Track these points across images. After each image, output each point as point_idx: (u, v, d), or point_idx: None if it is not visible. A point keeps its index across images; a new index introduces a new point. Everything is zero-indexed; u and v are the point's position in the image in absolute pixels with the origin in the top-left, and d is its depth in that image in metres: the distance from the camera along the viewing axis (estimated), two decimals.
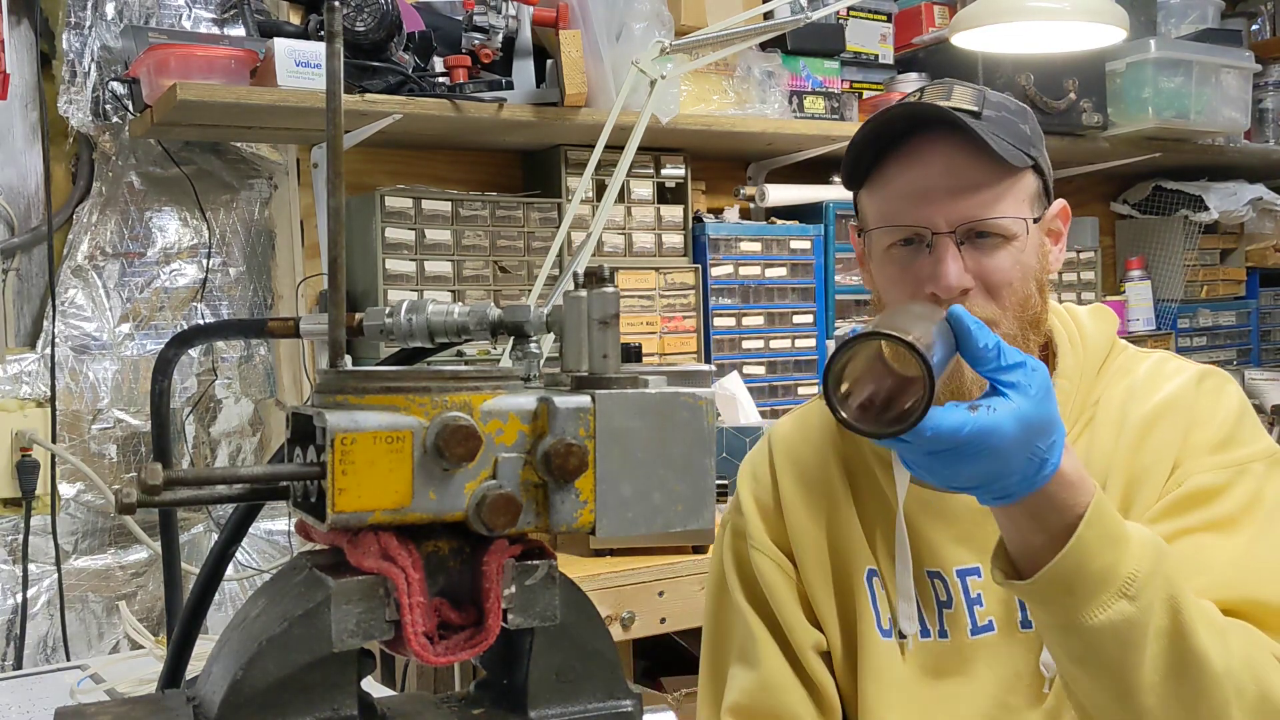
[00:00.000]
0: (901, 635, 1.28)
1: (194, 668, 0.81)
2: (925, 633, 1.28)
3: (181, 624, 0.86)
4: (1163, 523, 1.17)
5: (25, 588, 2.29)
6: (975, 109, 1.21)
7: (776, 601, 1.34)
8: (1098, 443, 1.25)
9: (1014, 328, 1.21)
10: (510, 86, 2.43)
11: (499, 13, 2.38)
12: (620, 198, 2.72)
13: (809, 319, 3.02)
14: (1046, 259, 1.26)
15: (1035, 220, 1.23)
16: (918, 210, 1.20)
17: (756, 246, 2.94)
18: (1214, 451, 1.21)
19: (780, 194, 3.02)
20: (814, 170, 3.13)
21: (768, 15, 2.57)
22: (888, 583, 1.29)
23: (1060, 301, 1.38)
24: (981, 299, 1.20)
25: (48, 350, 2.32)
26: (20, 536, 2.29)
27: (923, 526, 1.28)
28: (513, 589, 0.68)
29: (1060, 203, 1.29)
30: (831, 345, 3.02)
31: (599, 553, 2.16)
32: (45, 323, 2.33)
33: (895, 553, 1.28)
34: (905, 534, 1.28)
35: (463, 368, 0.69)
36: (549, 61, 2.52)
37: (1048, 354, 1.30)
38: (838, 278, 3.06)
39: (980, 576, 1.26)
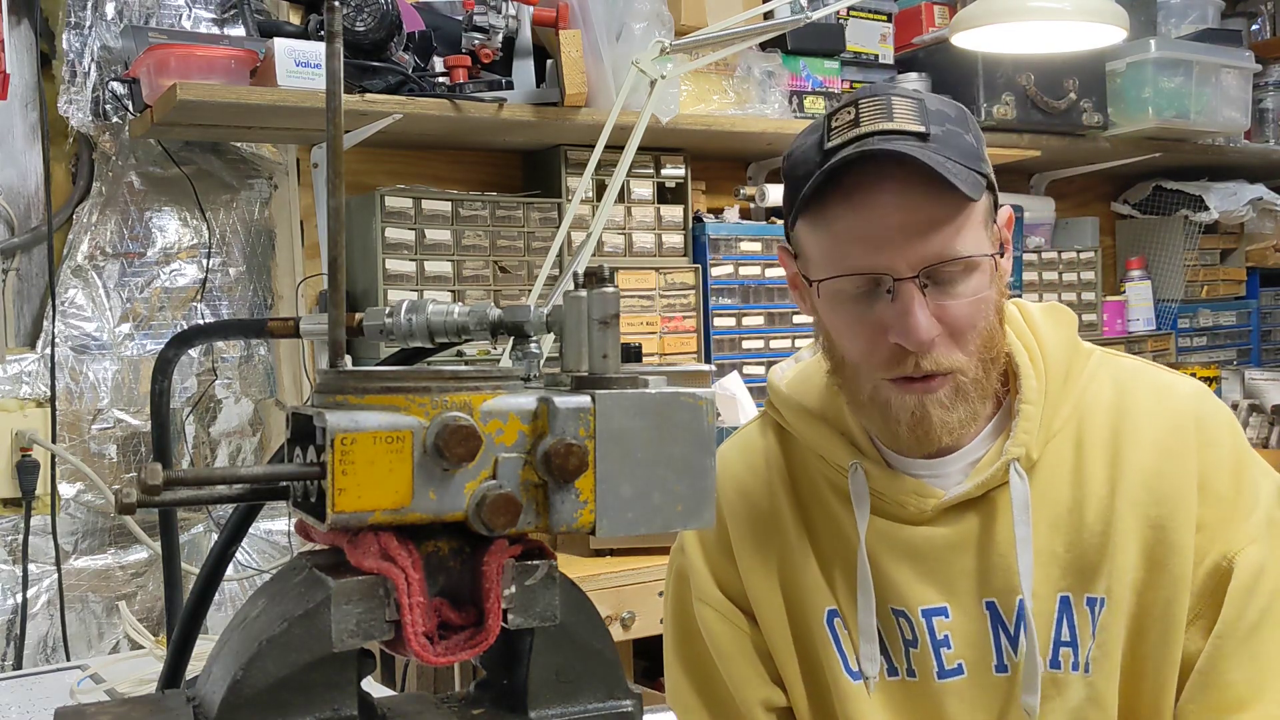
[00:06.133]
0: (866, 676, 1.20)
1: (194, 668, 0.81)
2: (894, 671, 1.21)
3: (181, 624, 0.86)
4: (1246, 614, 1.12)
5: (25, 588, 2.29)
6: (922, 129, 1.09)
7: (723, 658, 1.26)
8: (1090, 478, 1.17)
9: (978, 370, 1.14)
10: (510, 86, 2.43)
11: (499, 13, 2.38)
12: (620, 198, 2.72)
13: (809, 319, 3.02)
14: (1002, 280, 1.17)
15: (999, 254, 1.15)
16: (874, 255, 1.10)
17: (756, 246, 2.93)
18: (1234, 499, 1.15)
19: (780, 194, 3.01)
20: None
21: (768, 15, 2.56)
22: (849, 622, 1.21)
23: (1031, 300, 1.29)
24: (946, 347, 1.11)
25: (48, 350, 2.32)
26: (20, 536, 2.29)
27: (885, 563, 1.20)
28: (513, 589, 0.68)
29: (1006, 211, 1.19)
30: None
31: (599, 553, 2.16)
32: (45, 323, 2.33)
33: (858, 590, 1.20)
34: (868, 570, 1.19)
35: (463, 368, 0.69)
36: (549, 61, 2.52)
37: (1007, 380, 1.20)
38: None
39: (948, 617, 1.19)
